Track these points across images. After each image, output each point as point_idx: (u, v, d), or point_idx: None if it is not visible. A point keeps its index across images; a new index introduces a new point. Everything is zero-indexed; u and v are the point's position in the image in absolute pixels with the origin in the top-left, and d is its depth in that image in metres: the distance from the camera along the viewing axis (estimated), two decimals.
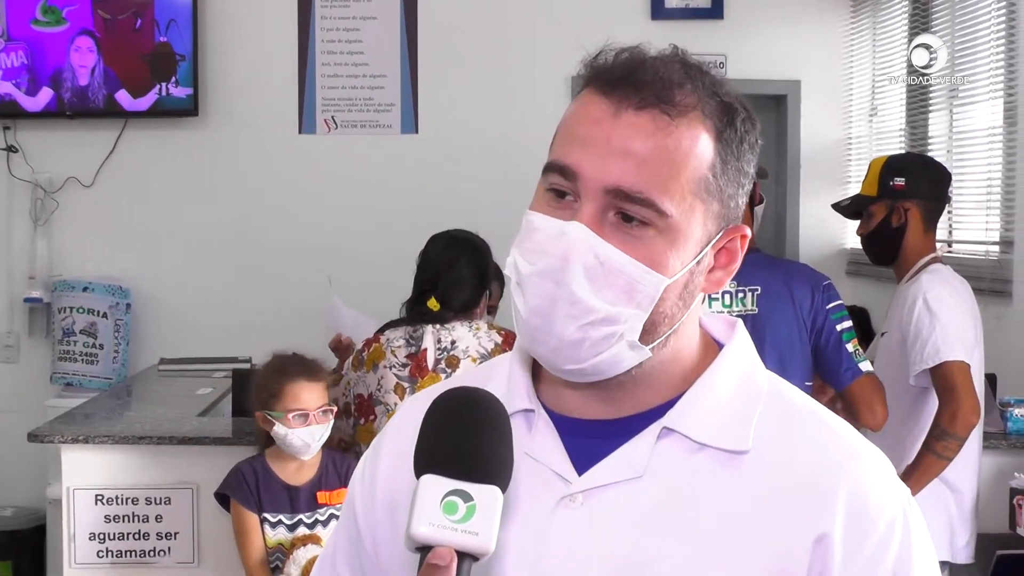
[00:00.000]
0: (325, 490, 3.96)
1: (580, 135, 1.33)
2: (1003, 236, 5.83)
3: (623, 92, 1.32)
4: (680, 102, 1.32)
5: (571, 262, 1.30)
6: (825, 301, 3.73)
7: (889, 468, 1.39)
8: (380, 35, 7.59)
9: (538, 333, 1.34)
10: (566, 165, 1.33)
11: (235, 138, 7.58)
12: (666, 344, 1.37)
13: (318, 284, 7.46)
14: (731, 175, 1.36)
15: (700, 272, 1.37)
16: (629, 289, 1.31)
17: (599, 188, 1.30)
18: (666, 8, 7.65)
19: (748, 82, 7.69)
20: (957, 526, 4.05)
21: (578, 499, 1.35)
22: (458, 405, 1.29)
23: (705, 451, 1.35)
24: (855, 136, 7.82)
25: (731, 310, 3.66)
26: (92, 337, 7.36)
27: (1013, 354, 5.37)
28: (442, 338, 3.94)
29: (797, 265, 3.91)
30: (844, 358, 3.71)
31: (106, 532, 4.56)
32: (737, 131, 1.36)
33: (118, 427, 4.81)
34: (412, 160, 7.59)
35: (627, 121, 1.31)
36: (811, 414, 1.40)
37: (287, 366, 3.97)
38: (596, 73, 1.36)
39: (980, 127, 6.13)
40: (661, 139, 1.31)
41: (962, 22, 6.25)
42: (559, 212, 1.33)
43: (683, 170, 1.31)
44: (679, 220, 1.32)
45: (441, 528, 1.21)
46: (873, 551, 1.30)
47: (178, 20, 7.36)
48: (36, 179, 7.47)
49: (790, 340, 3.68)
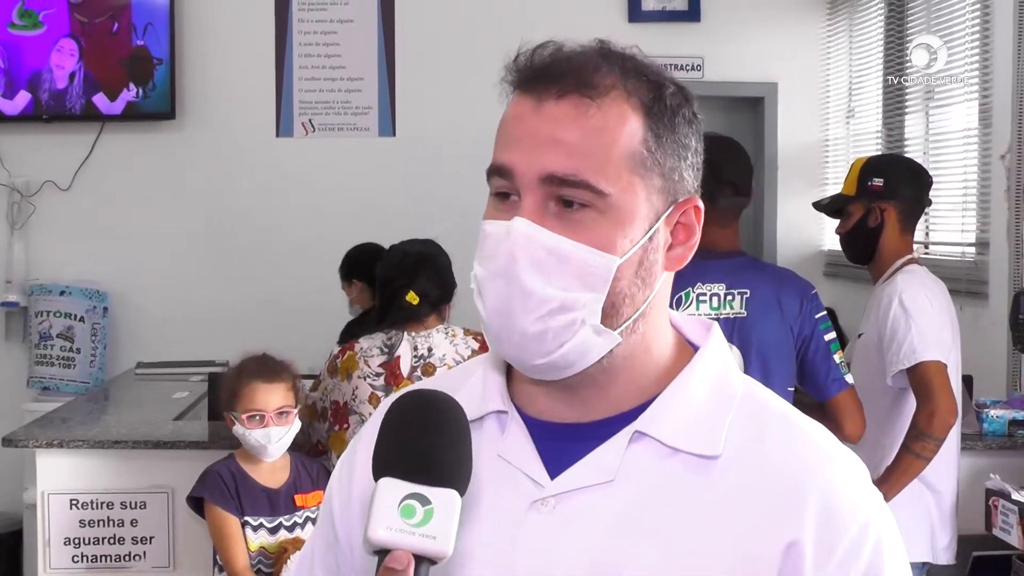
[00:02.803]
0: (301, 493, 3.96)
1: (510, 134, 1.36)
2: (979, 238, 5.86)
3: (542, 85, 1.34)
4: (599, 84, 1.33)
5: (518, 257, 1.31)
6: (813, 310, 3.68)
7: (862, 472, 1.38)
8: (357, 38, 7.59)
9: (501, 332, 1.35)
10: (501, 165, 1.35)
11: (212, 141, 7.57)
12: (635, 329, 1.37)
13: (295, 287, 7.48)
14: (668, 148, 1.36)
15: (655, 249, 1.37)
16: (581, 274, 1.31)
17: (534, 179, 1.32)
18: (643, 11, 7.67)
19: (725, 84, 7.73)
20: (938, 527, 4.05)
21: (550, 503, 1.35)
22: (416, 408, 1.30)
23: (677, 455, 1.35)
24: (832, 138, 7.84)
25: (720, 312, 3.63)
26: (69, 341, 7.34)
27: (989, 356, 5.38)
28: (418, 345, 3.94)
29: (785, 271, 3.88)
30: (831, 368, 3.67)
31: (81, 537, 4.54)
32: (667, 104, 1.36)
33: (94, 431, 4.79)
34: (390, 163, 7.59)
35: (550, 111, 1.33)
36: (784, 418, 1.40)
37: (246, 367, 3.97)
38: (516, 73, 1.38)
39: (956, 129, 6.16)
40: (585, 122, 1.32)
41: (938, 24, 6.27)
42: (505, 213, 1.34)
43: (613, 148, 1.32)
44: (619, 198, 1.32)
45: (399, 532, 1.21)
46: (844, 556, 1.30)
47: (155, 24, 7.35)
48: (13, 183, 7.45)
49: (777, 346, 3.64)
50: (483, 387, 1.45)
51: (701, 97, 1.43)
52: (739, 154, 3.81)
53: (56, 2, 7.32)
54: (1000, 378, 5.40)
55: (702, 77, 7.66)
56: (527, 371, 1.38)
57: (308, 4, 7.59)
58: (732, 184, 3.70)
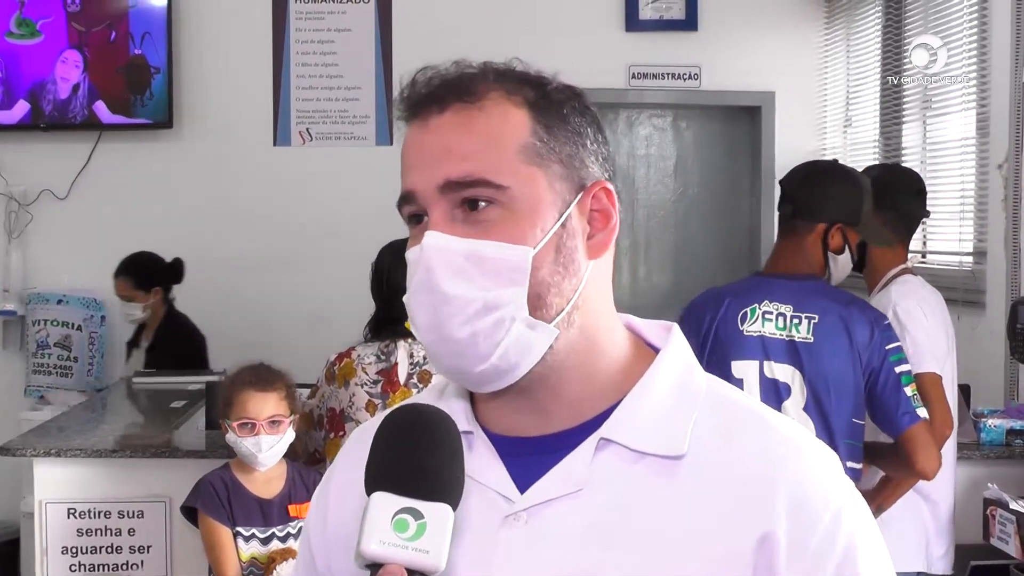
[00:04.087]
0: (295, 503, 3.95)
1: (407, 162, 1.38)
2: (976, 247, 5.86)
3: (425, 106, 1.37)
4: (477, 90, 1.36)
5: (433, 267, 1.32)
6: (884, 341, 3.55)
7: (833, 461, 1.38)
8: (355, 47, 7.60)
9: (436, 347, 1.36)
10: (405, 191, 1.37)
11: (210, 150, 7.57)
12: (571, 322, 1.37)
13: (292, 296, 7.48)
14: (561, 136, 1.38)
15: (571, 235, 1.37)
16: (499, 270, 1.32)
17: (434, 191, 1.34)
18: (640, 20, 7.67)
19: (722, 93, 7.73)
20: (933, 537, 4.05)
21: (522, 517, 1.35)
22: (409, 422, 1.30)
23: (645, 459, 1.34)
24: (829, 147, 7.84)
25: (785, 334, 3.56)
26: (66, 350, 7.34)
27: (987, 365, 5.39)
28: (415, 352, 3.94)
29: (857, 300, 3.71)
30: (902, 402, 3.53)
31: (79, 546, 4.54)
32: (551, 97, 1.39)
33: (91, 440, 4.79)
34: (387, 172, 7.51)
35: (434, 126, 1.35)
36: (751, 413, 1.40)
37: (240, 376, 3.97)
38: (402, 104, 1.40)
39: (953, 138, 6.16)
40: (471, 125, 1.34)
41: (935, 32, 6.26)
42: (421, 236, 1.36)
43: (503, 143, 1.34)
44: (520, 190, 1.34)
45: (391, 546, 1.21)
46: (818, 545, 1.30)
47: (152, 32, 7.35)
48: (10, 192, 7.45)
49: (843, 375, 3.53)
50: (448, 409, 1.44)
51: (698, 106, 1.43)
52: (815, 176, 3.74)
53: (54, 11, 7.32)
54: (998, 387, 5.40)
55: (699, 86, 7.67)
56: (472, 383, 1.39)
57: (305, 13, 7.60)
58: (803, 204, 3.65)
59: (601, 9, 7.71)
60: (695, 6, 7.71)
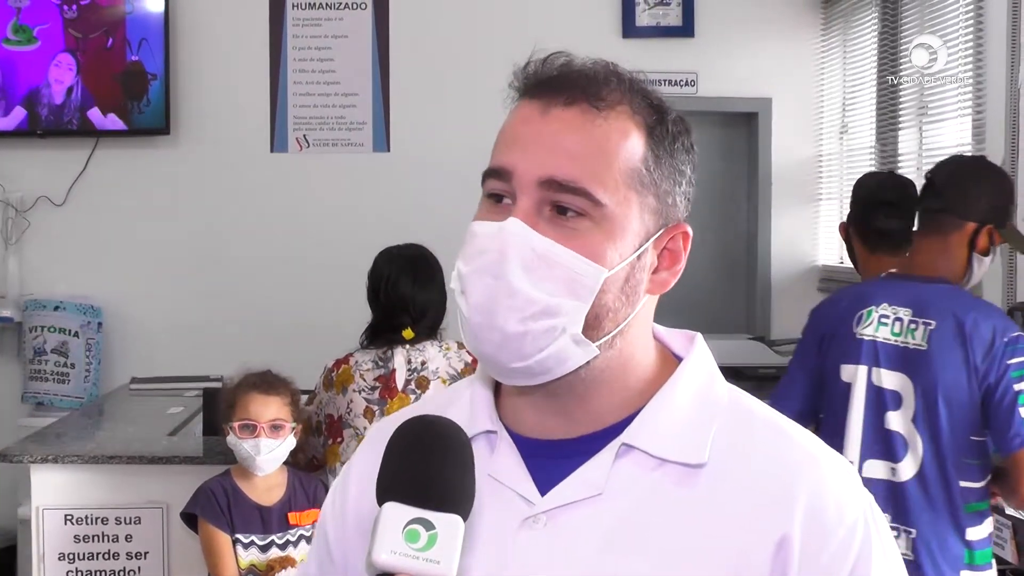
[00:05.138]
0: (295, 511, 3.94)
1: (512, 137, 1.37)
2: None
3: (551, 91, 1.35)
4: (607, 97, 1.35)
5: (508, 256, 1.31)
6: (1007, 354, 3.28)
7: (851, 473, 1.39)
8: (352, 53, 7.60)
9: (481, 331, 1.34)
10: (500, 167, 1.35)
11: (207, 157, 7.57)
12: (612, 345, 1.37)
13: (290, 302, 7.48)
14: (665, 171, 1.38)
15: (642, 269, 1.37)
16: (568, 280, 1.32)
17: (533, 182, 1.32)
18: (637, 27, 7.68)
19: (719, 100, 7.73)
20: None
21: (541, 520, 1.35)
22: (421, 433, 1.30)
23: (665, 466, 1.35)
24: (826, 153, 7.85)
25: (898, 339, 3.40)
26: (63, 356, 7.33)
27: None
28: (412, 358, 3.94)
29: (983, 305, 3.48)
30: (1016, 422, 3.25)
31: (76, 552, 4.54)
32: (668, 130, 1.38)
33: (88, 447, 4.79)
34: (384, 178, 7.59)
35: (556, 116, 1.34)
36: (770, 424, 1.41)
37: (245, 379, 3.97)
38: (524, 80, 1.39)
39: (950, 144, 6.16)
40: (591, 131, 1.33)
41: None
42: (496, 216, 1.35)
43: (614, 161, 1.33)
44: (614, 210, 1.33)
45: (402, 556, 1.21)
46: (830, 559, 1.30)
47: (149, 39, 7.35)
48: (7, 198, 7.45)
49: (955, 388, 3.30)
50: (471, 408, 1.45)
51: (695, 112, 1.44)
52: (969, 172, 3.57)
53: (51, 17, 7.32)
54: None
55: (696, 92, 7.67)
56: (502, 375, 1.39)
57: (303, 20, 7.60)
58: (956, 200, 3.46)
59: (598, 16, 7.72)
60: (692, 13, 7.73)
